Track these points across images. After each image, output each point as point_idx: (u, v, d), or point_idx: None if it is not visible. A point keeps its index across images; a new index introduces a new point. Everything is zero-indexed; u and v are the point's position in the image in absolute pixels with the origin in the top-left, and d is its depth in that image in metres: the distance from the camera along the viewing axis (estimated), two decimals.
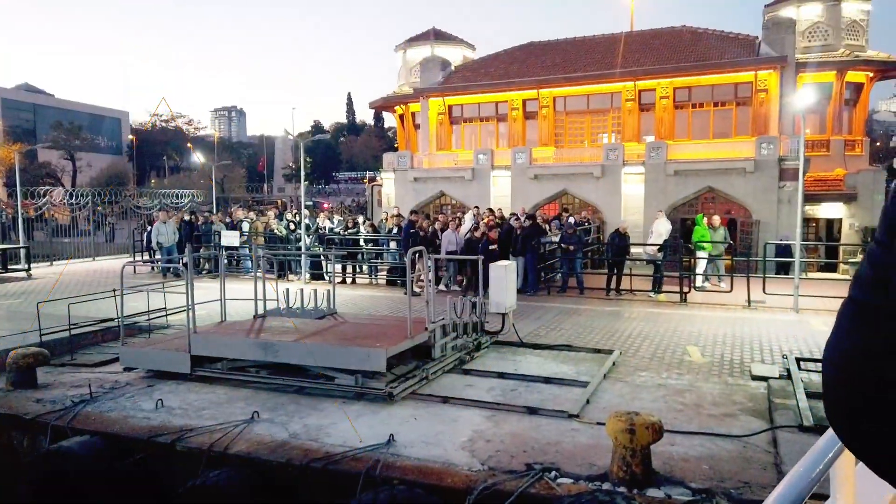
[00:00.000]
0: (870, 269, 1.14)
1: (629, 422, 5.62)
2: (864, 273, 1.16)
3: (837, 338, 1.20)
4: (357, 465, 5.99)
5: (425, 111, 30.52)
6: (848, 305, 1.18)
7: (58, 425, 7.13)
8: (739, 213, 22.78)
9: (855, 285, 1.18)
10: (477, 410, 7.45)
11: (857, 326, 1.15)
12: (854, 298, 1.17)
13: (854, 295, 1.17)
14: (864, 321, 1.14)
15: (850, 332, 1.17)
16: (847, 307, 1.19)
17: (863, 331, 1.13)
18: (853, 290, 1.18)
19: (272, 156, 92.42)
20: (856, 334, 1.15)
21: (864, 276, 1.15)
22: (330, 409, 7.47)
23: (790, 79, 24.28)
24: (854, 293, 1.18)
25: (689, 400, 7.82)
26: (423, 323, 8.83)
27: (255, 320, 9.85)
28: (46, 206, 24.60)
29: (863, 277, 1.16)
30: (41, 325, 10.40)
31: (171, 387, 8.34)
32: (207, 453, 6.41)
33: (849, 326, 1.18)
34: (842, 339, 1.18)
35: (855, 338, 1.15)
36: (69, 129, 60.31)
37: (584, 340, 11.09)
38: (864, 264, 1.17)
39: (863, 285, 1.15)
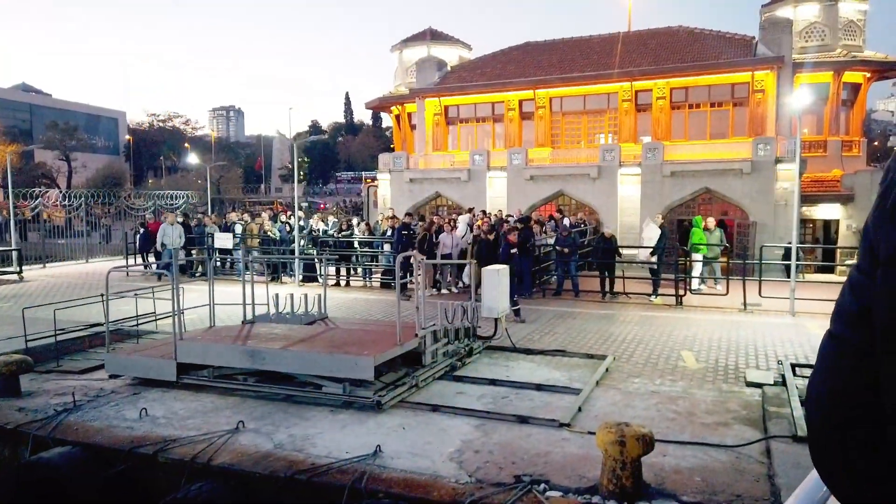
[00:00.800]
0: (851, 300, 1.04)
1: (619, 433, 5.49)
2: (845, 305, 1.05)
3: (819, 377, 1.10)
4: (342, 478, 5.86)
5: (421, 112, 30.40)
6: (829, 342, 1.08)
7: (39, 435, 6.99)
8: (736, 215, 22.68)
9: (836, 319, 1.08)
10: (467, 419, 7.32)
11: (839, 366, 1.05)
12: (834, 334, 1.07)
13: (835, 330, 1.07)
14: (845, 360, 1.04)
15: (832, 371, 1.07)
16: (828, 344, 1.09)
17: (844, 372, 1.04)
18: (834, 325, 1.08)
19: (270, 156, 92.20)
20: (837, 375, 1.05)
21: (846, 308, 1.05)
22: (317, 418, 7.34)
23: (787, 79, 24.19)
24: (835, 328, 1.08)
25: (683, 408, 7.70)
26: (413, 329, 8.70)
27: (244, 326, 9.71)
28: (39, 208, 24.44)
29: (844, 310, 1.05)
30: (28, 330, 10.24)
31: (157, 395, 8.21)
32: (190, 465, 6.27)
33: (830, 365, 1.08)
34: (824, 378, 1.08)
35: (836, 379, 1.05)
36: (64, 129, 60.07)
37: (577, 345, 10.97)
38: (846, 294, 1.06)
39: (844, 319, 1.05)
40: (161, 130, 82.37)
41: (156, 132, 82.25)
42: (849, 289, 1.05)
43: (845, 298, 1.05)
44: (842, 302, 1.07)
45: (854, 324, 1.01)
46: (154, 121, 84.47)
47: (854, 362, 1.01)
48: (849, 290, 1.05)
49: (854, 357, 1.01)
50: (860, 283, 1.01)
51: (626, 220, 23.48)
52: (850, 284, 1.04)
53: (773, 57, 24.20)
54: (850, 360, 1.02)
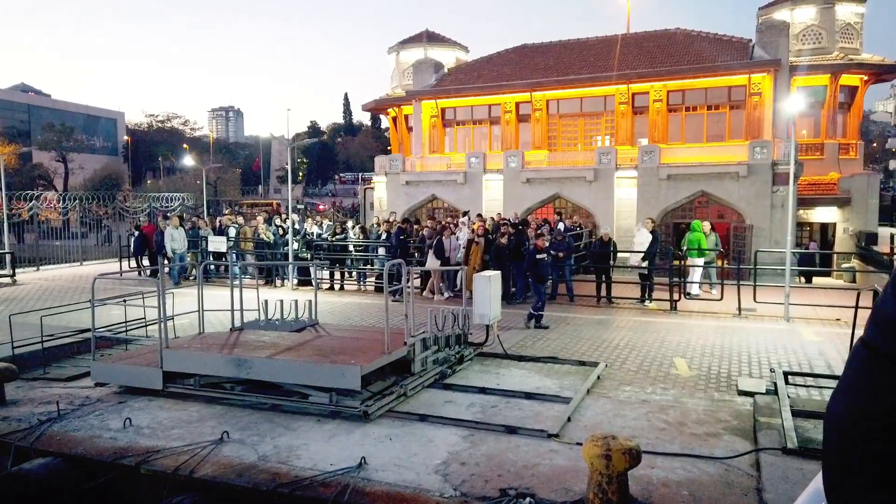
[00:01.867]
0: (893, 299, 0.87)
1: (605, 447, 5.41)
2: (887, 309, 0.88)
3: (846, 393, 0.93)
4: (325, 491, 5.78)
5: (418, 114, 30.33)
6: (862, 352, 0.91)
7: (21, 446, 6.92)
8: (732, 218, 22.61)
9: (873, 325, 0.91)
10: (455, 429, 7.24)
11: (872, 382, 0.88)
12: (869, 344, 0.90)
13: (870, 339, 0.90)
14: (881, 376, 0.87)
15: (862, 388, 0.90)
16: (861, 354, 0.92)
17: (878, 390, 0.87)
18: (869, 332, 0.91)
19: (268, 157, 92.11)
20: (868, 393, 0.89)
21: (888, 313, 0.87)
22: (304, 429, 7.26)
23: (784, 82, 24.13)
24: (870, 336, 0.90)
25: (673, 417, 7.62)
26: (402, 336, 8.62)
27: (232, 333, 9.63)
28: (34, 210, 24.35)
29: (885, 315, 0.88)
30: (17, 335, 10.14)
31: (143, 403, 8.13)
32: (172, 477, 6.20)
33: (861, 381, 0.91)
34: (851, 395, 0.92)
35: (866, 398, 0.89)
36: (61, 130, 59.97)
37: (570, 351, 10.89)
38: (889, 295, 0.89)
39: (884, 327, 0.88)
40: (160, 131, 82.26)
41: (155, 133, 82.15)
42: (892, 289, 0.88)
43: (887, 299, 0.88)
44: (882, 304, 0.89)
45: (893, 331, 0.86)
46: (153, 121, 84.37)
47: (888, 377, 0.85)
48: (891, 291, 0.88)
49: (889, 371, 0.86)
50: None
51: (623, 223, 23.41)
52: (893, 283, 0.88)
53: (769, 60, 24.14)
54: (883, 376, 0.87)
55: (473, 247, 15.93)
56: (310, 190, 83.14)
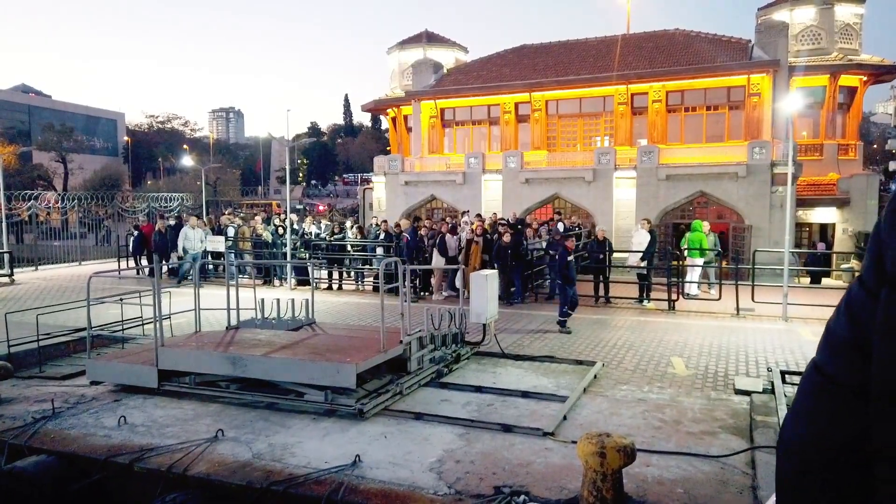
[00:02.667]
0: (847, 324, 0.83)
1: (600, 444, 5.39)
2: (838, 330, 0.84)
3: (797, 419, 0.89)
4: (319, 489, 5.76)
5: (417, 114, 30.33)
6: (813, 375, 0.87)
7: (15, 444, 6.89)
8: (731, 219, 22.59)
9: (825, 347, 0.86)
10: (450, 428, 7.22)
11: (822, 409, 0.84)
12: (821, 368, 0.85)
13: (821, 362, 0.86)
14: (831, 403, 0.83)
15: (814, 415, 0.85)
16: (812, 378, 0.87)
17: (828, 418, 0.83)
18: (821, 354, 0.87)
19: (269, 157, 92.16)
20: (819, 420, 0.84)
21: (839, 334, 0.83)
22: (298, 427, 7.24)
23: (783, 82, 24.12)
24: (822, 359, 0.86)
25: (669, 416, 7.60)
26: (398, 335, 8.60)
27: (228, 332, 9.62)
28: (33, 210, 24.35)
29: (836, 337, 0.84)
30: (13, 334, 10.14)
31: (138, 402, 8.10)
32: (166, 475, 6.17)
33: (812, 407, 0.86)
34: (803, 422, 0.87)
35: (818, 425, 0.84)
36: (61, 130, 60.01)
37: (567, 351, 10.87)
38: (841, 315, 0.84)
39: (835, 349, 0.84)
40: (160, 132, 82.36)
41: (155, 134, 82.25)
42: (845, 308, 0.83)
43: (839, 321, 0.84)
44: (834, 325, 0.85)
45: (847, 356, 0.81)
46: (153, 122, 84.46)
47: (842, 407, 0.81)
48: (845, 310, 0.83)
49: (843, 400, 0.81)
50: (860, 302, 0.81)
51: (622, 223, 23.40)
52: (847, 302, 0.83)
53: (769, 60, 24.14)
54: (837, 404, 0.82)
55: (473, 246, 15.91)
56: (309, 191, 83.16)
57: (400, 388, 8.15)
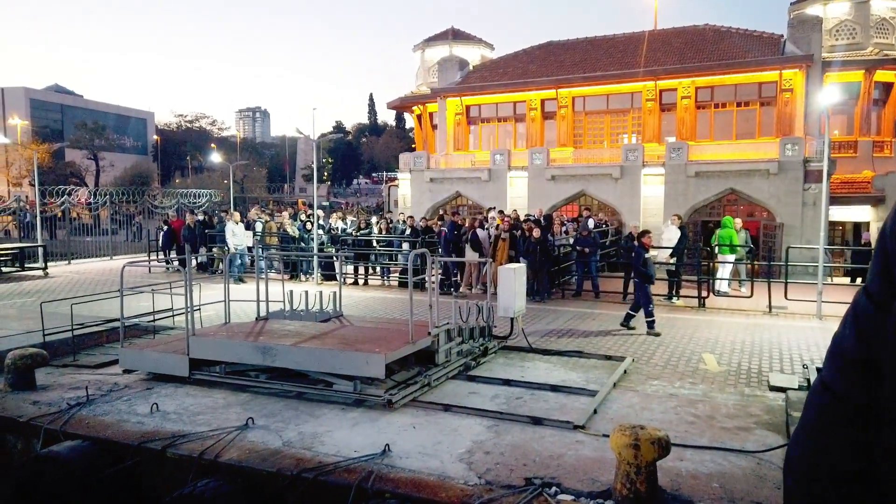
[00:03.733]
0: (854, 338, 0.77)
1: (634, 436, 5.31)
2: (845, 345, 0.78)
3: (803, 435, 0.85)
4: (349, 477, 5.76)
5: (443, 111, 30.30)
6: (820, 391, 0.82)
7: (51, 429, 7.01)
8: (762, 216, 22.20)
9: (831, 362, 0.81)
10: (479, 419, 7.18)
11: (829, 426, 0.79)
12: (827, 384, 0.80)
13: (828, 378, 0.81)
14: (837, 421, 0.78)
15: (820, 432, 0.80)
16: (819, 394, 0.82)
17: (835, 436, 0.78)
18: (828, 370, 0.81)
19: (294, 156, 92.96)
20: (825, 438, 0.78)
21: (846, 349, 0.78)
22: (328, 416, 7.25)
23: (816, 78, 23.63)
24: (828, 375, 0.81)
25: (702, 411, 7.48)
26: (426, 327, 8.58)
27: (257, 323, 9.68)
28: (66, 206, 24.83)
29: (843, 352, 0.79)
30: (48, 324, 10.34)
31: (169, 390, 8.19)
32: (198, 461, 6.22)
33: (818, 424, 0.81)
34: (809, 439, 0.82)
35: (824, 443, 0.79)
36: (93, 129, 61.16)
37: (595, 346, 10.76)
38: (848, 328, 0.79)
39: (842, 365, 0.79)
40: (188, 131, 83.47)
41: (183, 133, 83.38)
42: (852, 321, 0.78)
43: (846, 335, 0.78)
44: (841, 339, 0.80)
45: (855, 374, 0.76)
46: (181, 121, 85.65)
47: (850, 428, 0.76)
48: (852, 323, 0.78)
49: (849, 418, 0.76)
50: (868, 315, 0.75)
51: (649, 220, 23.10)
52: (854, 314, 0.78)
53: (801, 55, 23.65)
54: (843, 422, 0.77)
55: (500, 242, 15.84)
56: (335, 189, 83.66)
57: (428, 380, 8.13)
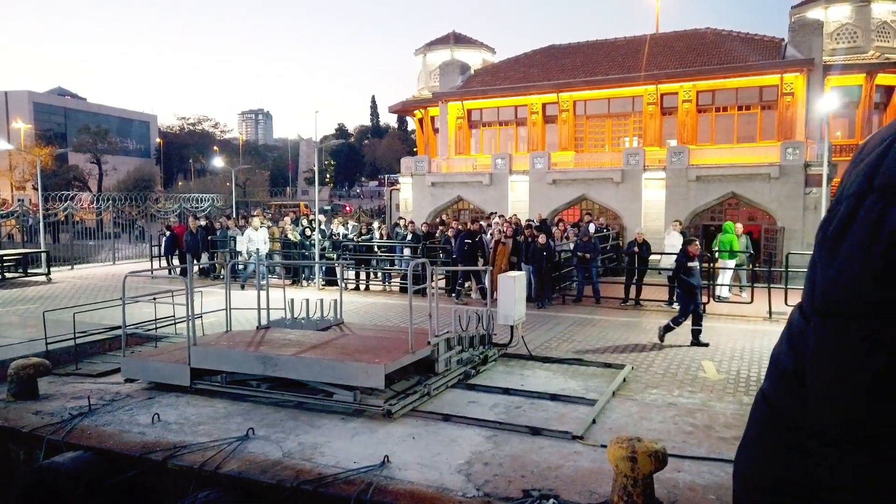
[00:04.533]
0: (788, 352, 0.81)
1: (631, 449, 5.35)
2: (781, 358, 0.83)
3: (746, 447, 0.89)
4: (348, 489, 5.80)
5: (444, 115, 30.36)
6: (760, 403, 0.87)
7: (53, 439, 7.06)
8: (763, 220, 22.20)
9: (769, 374, 0.86)
10: (478, 430, 7.22)
11: (768, 438, 0.83)
12: (767, 396, 0.85)
13: (767, 391, 0.85)
14: (775, 433, 0.82)
15: (760, 444, 0.84)
16: (759, 405, 0.87)
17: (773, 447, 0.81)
18: (767, 384, 0.86)
19: (297, 159, 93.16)
20: (765, 450, 0.83)
21: (781, 363, 0.83)
22: (327, 426, 7.30)
23: (817, 82, 23.63)
24: (767, 387, 0.86)
25: (700, 421, 7.51)
26: (426, 336, 8.62)
27: (258, 331, 9.74)
28: (69, 210, 24.94)
29: (779, 365, 0.84)
30: (50, 332, 10.39)
31: (171, 399, 8.25)
32: (198, 472, 6.27)
33: (758, 434, 0.86)
34: (751, 450, 0.87)
35: (764, 454, 0.83)
36: (96, 132, 61.37)
37: (596, 354, 10.79)
38: (783, 343, 0.84)
39: (777, 377, 0.83)
40: (191, 133, 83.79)
41: (186, 135, 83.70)
42: (787, 334, 0.84)
43: (782, 349, 0.84)
44: (777, 353, 0.85)
45: (788, 386, 0.80)
46: (184, 124, 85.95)
47: (784, 435, 0.80)
48: (787, 339, 0.83)
49: (785, 429, 0.80)
50: (799, 329, 0.80)
51: (651, 224, 23.12)
52: (789, 329, 0.84)
53: (802, 59, 23.66)
54: (780, 433, 0.81)
55: (500, 247, 15.88)
56: (337, 192, 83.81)
57: (428, 390, 8.17)
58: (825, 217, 0.81)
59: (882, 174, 0.76)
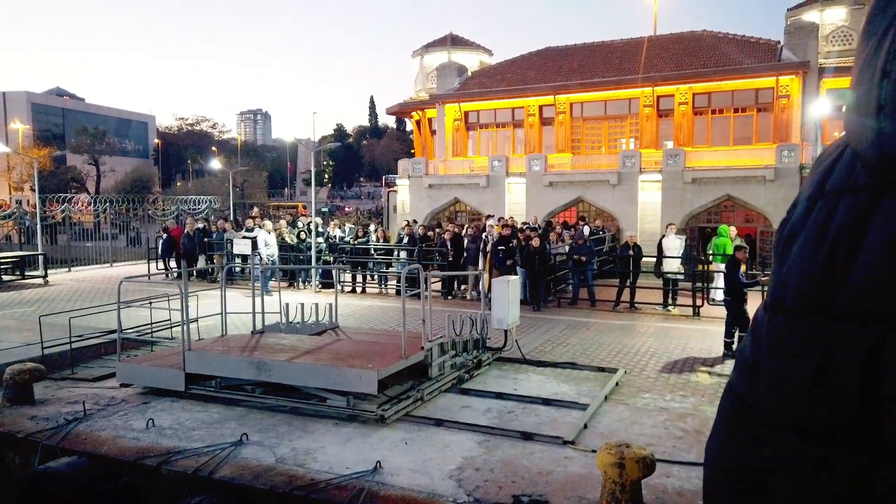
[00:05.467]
0: (752, 344, 0.87)
1: (619, 455, 5.41)
2: (745, 351, 0.89)
3: (715, 438, 0.95)
4: (340, 495, 5.86)
5: (441, 117, 30.43)
6: (728, 395, 0.92)
7: (48, 444, 7.10)
8: (759, 222, 22.29)
9: (735, 368, 0.92)
10: (470, 434, 7.27)
11: (733, 429, 0.89)
12: (732, 387, 0.92)
13: (733, 382, 0.92)
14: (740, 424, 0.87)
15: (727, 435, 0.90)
16: (726, 396, 0.92)
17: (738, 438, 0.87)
18: (733, 375, 0.93)
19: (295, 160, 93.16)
20: (731, 441, 0.89)
21: (745, 356, 0.88)
22: (321, 432, 7.35)
23: (813, 84, 23.72)
24: (733, 379, 0.92)
25: (691, 425, 7.56)
26: (419, 341, 8.67)
27: (253, 336, 9.78)
28: (66, 212, 24.95)
29: (743, 357, 0.89)
30: (47, 336, 10.42)
31: (165, 405, 8.29)
32: (192, 478, 6.32)
33: (725, 426, 0.91)
34: (719, 442, 0.93)
35: (730, 445, 0.89)
36: (94, 133, 61.36)
37: (590, 357, 10.85)
38: (748, 336, 0.90)
39: (741, 369, 0.89)
40: (189, 134, 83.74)
41: (184, 136, 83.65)
42: (751, 331, 0.89)
43: (746, 342, 0.89)
44: (743, 346, 0.90)
45: (749, 376, 0.85)
46: (182, 125, 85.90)
47: (746, 424, 0.85)
48: (751, 332, 0.89)
49: (745, 418, 0.85)
50: (761, 324, 0.85)
51: (647, 227, 23.21)
52: (753, 325, 0.89)
53: (798, 62, 23.76)
54: (742, 421, 0.86)
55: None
56: (335, 193, 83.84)
57: (421, 395, 8.22)
58: (782, 220, 0.86)
59: (833, 178, 0.81)
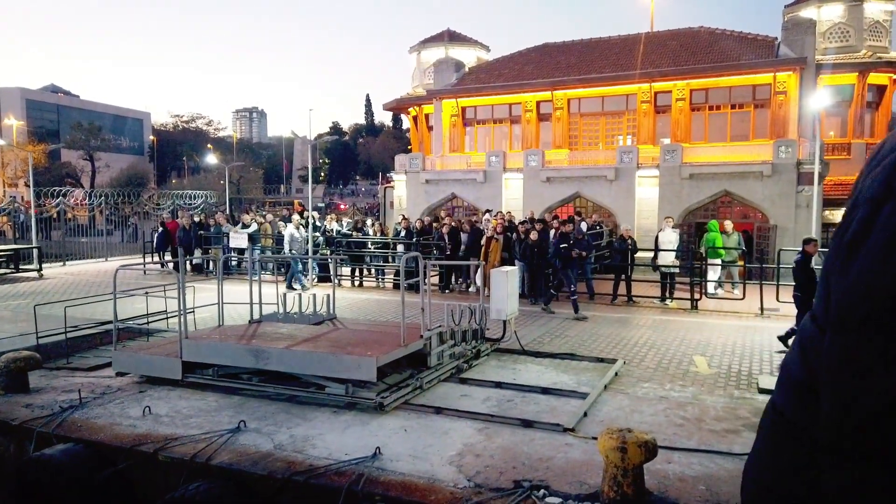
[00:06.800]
0: (800, 362, 0.81)
1: (621, 440, 5.37)
2: (792, 368, 0.82)
3: (756, 458, 0.88)
4: (339, 480, 5.81)
5: (438, 113, 30.34)
6: (771, 413, 0.86)
7: (43, 432, 7.04)
8: (756, 218, 22.29)
9: (780, 385, 0.85)
10: (470, 422, 7.23)
11: (778, 450, 0.83)
12: (776, 406, 0.85)
13: (777, 401, 0.85)
14: (786, 444, 0.81)
15: (770, 455, 0.84)
16: (769, 416, 0.86)
17: (782, 459, 0.81)
18: (778, 394, 0.86)
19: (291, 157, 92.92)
20: (775, 462, 0.83)
21: (792, 373, 0.82)
22: (319, 419, 7.30)
23: (810, 80, 23.73)
24: (777, 398, 0.85)
25: (691, 414, 7.54)
26: (419, 330, 8.62)
27: (250, 325, 9.72)
28: (61, 207, 24.82)
29: (790, 375, 0.82)
30: (41, 326, 10.34)
31: (162, 393, 8.23)
32: (190, 464, 6.26)
33: (768, 447, 0.85)
34: (761, 462, 0.86)
35: (773, 466, 0.83)
36: (89, 129, 61.09)
37: (588, 349, 10.82)
38: (794, 352, 0.83)
39: (788, 388, 0.83)
40: (185, 131, 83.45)
41: (180, 133, 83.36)
42: (798, 344, 0.82)
43: (794, 358, 0.82)
44: (789, 363, 0.83)
45: (801, 397, 0.79)
46: (178, 122, 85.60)
47: (795, 448, 0.79)
48: (798, 347, 0.82)
49: (796, 442, 0.79)
50: (812, 339, 0.78)
51: (644, 222, 23.18)
52: (800, 340, 0.82)
53: (795, 58, 23.75)
54: (790, 445, 0.80)
55: (493, 243, 15.89)
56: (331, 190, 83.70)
57: (420, 383, 8.18)
58: (840, 224, 0.76)
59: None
